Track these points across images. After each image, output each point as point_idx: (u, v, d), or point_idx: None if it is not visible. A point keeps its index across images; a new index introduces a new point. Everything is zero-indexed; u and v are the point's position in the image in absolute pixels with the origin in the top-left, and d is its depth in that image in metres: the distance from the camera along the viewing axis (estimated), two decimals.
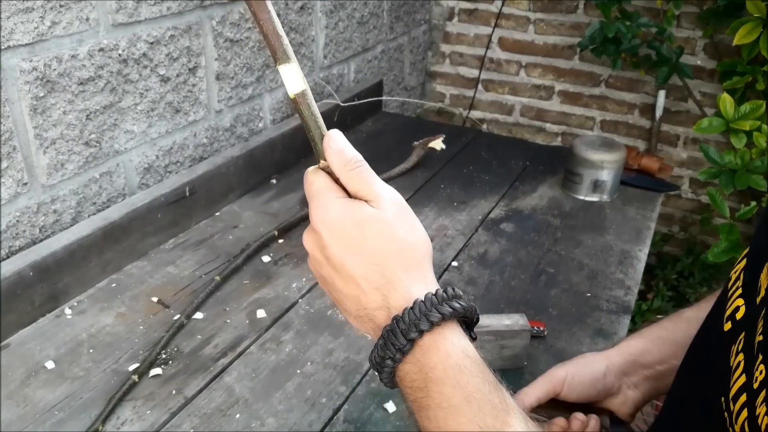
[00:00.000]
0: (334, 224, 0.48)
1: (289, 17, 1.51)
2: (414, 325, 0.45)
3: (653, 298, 2.06)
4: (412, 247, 0.48)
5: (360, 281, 0.48)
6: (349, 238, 0.47)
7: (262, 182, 1.42)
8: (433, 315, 0.45)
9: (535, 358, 0.92)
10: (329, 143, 0.50)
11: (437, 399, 0.45)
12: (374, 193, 0.49)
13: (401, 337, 0.45)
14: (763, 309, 0.46)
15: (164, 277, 1.09)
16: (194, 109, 1.31)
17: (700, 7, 1.94)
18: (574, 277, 1.12)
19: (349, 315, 0.50)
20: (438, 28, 2.34)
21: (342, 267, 0.48)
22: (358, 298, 0.48)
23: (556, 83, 2.25)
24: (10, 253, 1.01)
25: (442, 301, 0.46)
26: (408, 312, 0.46)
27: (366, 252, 0.47)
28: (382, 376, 0.48)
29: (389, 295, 0.47)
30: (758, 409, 0.42)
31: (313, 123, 0.50)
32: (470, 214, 1.33)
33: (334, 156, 0.49)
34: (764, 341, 0.44)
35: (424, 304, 0.46)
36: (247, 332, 0.97)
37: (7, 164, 0.98)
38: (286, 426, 0.80)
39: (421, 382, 0.46)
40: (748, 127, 1.35)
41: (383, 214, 0.48)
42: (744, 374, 0.45)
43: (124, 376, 0.87)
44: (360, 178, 0.49)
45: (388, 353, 0.46)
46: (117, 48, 1.10)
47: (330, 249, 0.48)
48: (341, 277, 0.48)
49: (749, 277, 0.50)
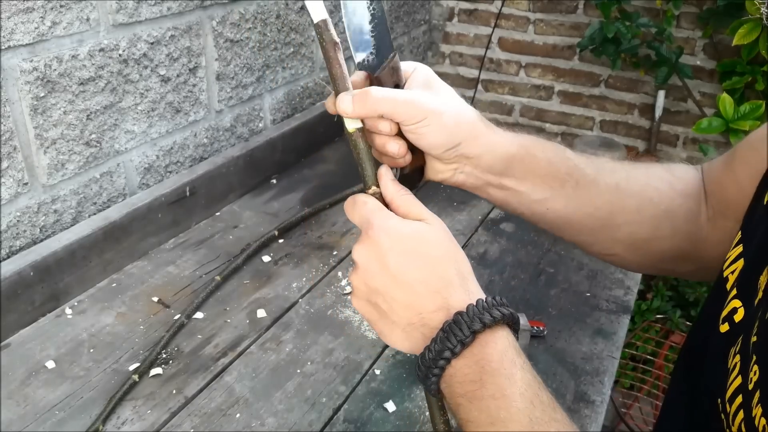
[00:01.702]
0: (394, 233, 0.51)
1: (290, 17, 1.51)
2: (478, 319, 0.48)
3: (653, 298, 2.06)
4: (463, 259, 0.53)
5: (419, 286, 0.50)
6: (409, 246, 0.51)
7: (262, 182, 1.42)
8: (495, 312, 0.48)
9: (535, 357, 0.92)
10: (385, 173, 0.55)
11: (491, 390, 0.47)
12: (426, 214, 0.53)
13: (465, 328, 0.48)
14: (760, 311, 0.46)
15: (165, 277, 1.09)
16: (194, 110, 1.31)
17: (699, 8, 1.94)
18: (573, 276, 1.12)
19: (396, 327, 0.52)
20: (438, 28, 2.35)
21: (402, 273, 0.51)
22: (414, 304, 0.50)
23: (555, 83, 2.25)
24: (11, 252, 1.01)
25: (500, 305, 0.50)
26: (471, 307, 0.48)
27: (425, 258, 0.51)
28: (431, 374, 0.49)
29: (449, 296, 0.50)
30: (754, 410, 0.42)
31: (367, 155, 0.55)
32: (470, 214, 1.33)
33: (389, 183, 0.55)
34: (758, 342, 0.44)
35: (486, 303, 0.49)
36: (248, 332, 0.97)
37: (8, 164, 0.98)
38: (286, 425, 0.80)
39: (476, 375, 0.47)
40: (747, 127, 1.36)
41: (438, 230, 0.53)
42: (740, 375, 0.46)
43: (124, 376, 0.87)
44: (412, 202, 0.54)
45: (448, 345, 0.48)
46: (117, 48, 1.10)
47: (390, 256, 0.51)
48: (398, 284, 0.51)
49: (747, 278, 0.50)
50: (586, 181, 0.63)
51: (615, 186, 0.64)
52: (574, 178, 0.63)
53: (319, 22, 0.53)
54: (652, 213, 0.64)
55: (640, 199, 0.64)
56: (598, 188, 0.63)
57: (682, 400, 0.60)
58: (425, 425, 0.81)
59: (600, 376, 0.89)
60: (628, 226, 0.64)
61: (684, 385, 0.61)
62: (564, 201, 0.64)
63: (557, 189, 0.63)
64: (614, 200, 0.63)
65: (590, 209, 0.64)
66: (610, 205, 0.64)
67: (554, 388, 0.87)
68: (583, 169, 0.64)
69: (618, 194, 0.63)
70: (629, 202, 0.63)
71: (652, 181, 0.64)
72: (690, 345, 0.63)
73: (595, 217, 0.64)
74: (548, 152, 0.64)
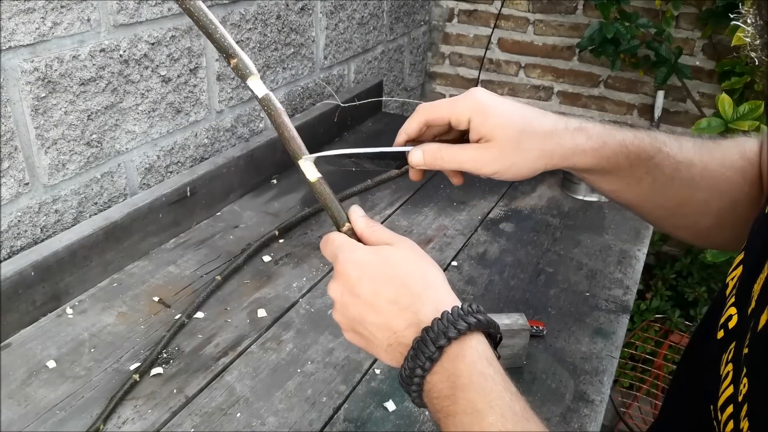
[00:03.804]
0: (363, 263, 0.53)
1: (290, 18, 1.52)
2: (442, 333, 0.48)
3: (652, 298, 2.07)
4: (432, 272, 0.54)
5: (391, 306, 0.52)
6: (377, 271, 0.53)
7: (262, 182, 1.42)
8: (460, 324, 0.49)
9: (534, 357, 0.92)
10: (355, 211, 0.59)
11: (463, 405, 0.47)
12: (394, 238, 0.56)
13: (431, 345, 0.48)
14: (752, 321, 0.46)
15: (165, 277, 1.09)
16: (195, 110, 1.31)
17: (698, 8, 1.95)
18: (573, 276, 1.13)
19: (380, 349, 0.53)
20: (438, 28, 2.35)
21: (373, 297, 0.52)
22: (387, 325, 0.52)
23: (555, 84, 2.25)
24: (12, 252, 1.01)
25: (468, 313, 0.50)
26: (436, 322, 0.49)
27: (394, 278, 0.52)
28: (411, 391, 0.50)
29: (419, 310, 0.51)
30: (742, 422, 0.42)
31: (332, 199, 0.59)
32: (470, 214, 1.33)
33: (359, 219, 0.58)
34: (749, 354, 0.44)
35: (452, 315, 0.49)
36: (248, 331, 0.97)
37: (9, 164, 0.98)
38: (286, 425, 0.81)
39: (448, 390, 0.48)
40: (747, 128, 1.36)
41: (404, 249, 0.55)
42: (732, 385, 0.46)
43: (125, 376, 0.87)
44: (381, 231, 0.57)
45: (418, 362, 0.49)
46: (118, 49, 1.10)
47: (360, 285, 0.53)
48: (372, 309, 0.52)
49: (743, 286, 0.50)
50: (663, 179, 0.63)
51: (689, 181, 0.63)
52: (652, 176, 0.63)
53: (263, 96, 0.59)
54: (719, 205, 0.64)
55: (710, 193, 0.64)
56: (673, 185, 0.63)
57: (679, 405, 0.61)
58: (425, 424, 0.81)
59: (599, 376, 0.89)
60: (694, 216, 0.65)
61: (681, 390, 0.62)
62: (636, 192, 0.64)
63: (633, 185, 0.64)
64: (686, 195, 0.64)
65: (661, 201, 0.65)
66: (680, 199, 0.64)
67: (553, 387, 0.87)
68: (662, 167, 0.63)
69: (691, 189, 0.64)
70: (699, 196, 0.64)
71: (727, 171, 0.64)
72: (691, 349, 0.63)
73: (664, 207, 0.65)
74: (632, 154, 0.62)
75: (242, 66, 0.59)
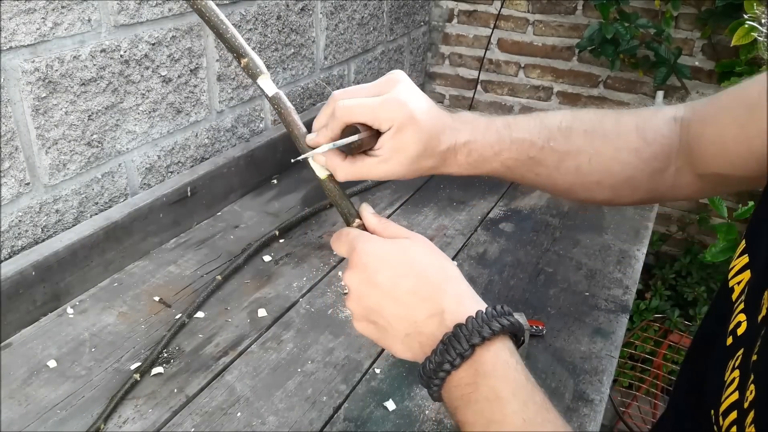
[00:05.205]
0: (381, 254, 0.54)
1: (290, 19, 1.52)
2: (477, 332, 0.49)
3: (651, 298, 2.07)
4: (449, 265, 0.55)
5: (410, 296, 0.52)
6: (394, 262, 0.53)
7: (263, 182, 1.43)
8: (494, 324, 0.49)
9: (534, 356, 0.93)
10: (366, 208, 0.59)
11: (485, 392, 0.48)
12: (409, 233, 0.56)
13: (464, 342, 0.49)
14: (763, 328, 0.45)
15: (166, 277, 1.09)
16: (195, 110, 1.31)
17: (698, 8, 1.95)
18: (572, 276, 1.13)
19: (395, 340, 0.53)
20: (437, 29, 2.35)
21: (392, 287, 0.52)
22: (407, 315, 0.52)
23: (554, 84, 2.25)
24: (12, 252, 1.02)
25: (500, 315, 0.51)
26: (471, 320, 0.49)
27: (412, 269, 0.53)
28: (432, 384, 0.51)
29: (441, 301, 0.51)
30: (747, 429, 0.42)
31: (341, 195, 0.60)
32: (469, 214, 1.33)
33: (371, 216, 0.59)
34: (758, 361, 0.44)
35: (486, 315, 0.50)
36: (248, 331, 0.97)
37: (9, 164, 0.98)
38: (286, 424, 0.81)
39: (470, 378, 0.48)
40: None
41: (420, 243, 0.55)
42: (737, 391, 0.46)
43: (125, 375, 0.87)
44: (394, 227, 0.57)
45: (447, 357, 0.49)
46: (119, 49, 1.11)
47: (379, 275, 0.53)
48: (390, 298, 0.52)
49: (753, 292, 0.50)
50: (547, 172, 0.65)
51: (575, 168, 0.65)
52: (534, 172, 0.65)
53: (273, 95, 0.60)
54: (612, 183, 0.65)
55: (601, 175, 0.65)
56: (559, 173, 0.65)
57: (681, 408, 0.61)
58: (425, 424, 0.82)
59: (599, 376, 0.90)
60: (587, 193, 0.67)
61: (684, 393, 0.62)
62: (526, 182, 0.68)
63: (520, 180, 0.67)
64: (575, 180, 0.65)
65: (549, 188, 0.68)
66: (568, 184, 0.66)
67: (553, 387, 0.87)
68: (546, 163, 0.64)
69: (578, 176, 0.65)
70: (590, 179, 0.65)
71: (620, 154, 0.64)
72: (694, 353, 0.63)
73: (557, 190, 0.68)
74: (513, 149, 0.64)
75: (253, 65, 0.59)
